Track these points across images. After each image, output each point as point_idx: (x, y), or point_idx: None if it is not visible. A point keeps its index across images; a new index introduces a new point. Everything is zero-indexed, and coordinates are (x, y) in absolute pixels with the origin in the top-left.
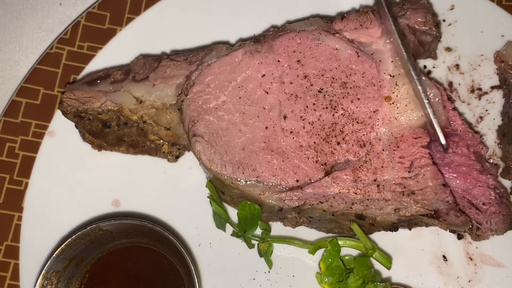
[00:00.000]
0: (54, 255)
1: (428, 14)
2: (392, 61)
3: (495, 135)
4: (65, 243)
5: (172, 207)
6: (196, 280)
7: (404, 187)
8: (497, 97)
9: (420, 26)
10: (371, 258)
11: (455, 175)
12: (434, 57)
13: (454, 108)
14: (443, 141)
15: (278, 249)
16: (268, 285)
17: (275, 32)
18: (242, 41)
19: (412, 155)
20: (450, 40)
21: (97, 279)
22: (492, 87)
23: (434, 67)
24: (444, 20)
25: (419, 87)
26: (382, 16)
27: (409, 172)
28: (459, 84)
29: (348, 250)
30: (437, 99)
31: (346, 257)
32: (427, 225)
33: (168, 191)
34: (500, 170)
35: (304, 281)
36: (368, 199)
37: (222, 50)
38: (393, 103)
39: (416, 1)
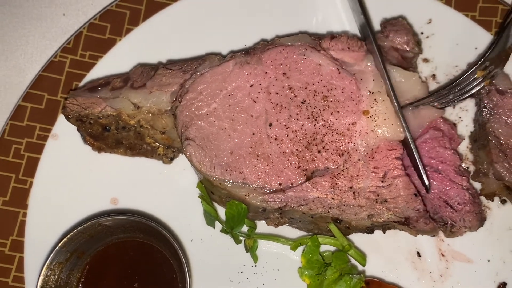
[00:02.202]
0: (57, 248)
1: (409, 34)
2: (373, 80)
3: (468, 141)
4: (68, 236)
5: (167, 205)
6: (187, 271)
7: (378, 195)
8: (470, 105)
9: (402, 46)
10: (348, 255)
11: (433, 177)
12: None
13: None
14: (426, 181)
15: (265, 245)
16: (255, 278)
17: (264, 45)
18: (233, 53)
19: (385, 166)
20: (427, 51)
21: (96, 270)
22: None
23: None
24: (422, 33)
25: (400, 116)
26: (370, 49)
27: (382, 181)
28: None
29: (327, 247)
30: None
31: (325, 253)
32: (400, 230)
33: (163, 190)
34: (471, 173)
35: (288, 274)
36: (344, 205)
37: (214, 60)
38: (370, 117)
39: (397, 22)
